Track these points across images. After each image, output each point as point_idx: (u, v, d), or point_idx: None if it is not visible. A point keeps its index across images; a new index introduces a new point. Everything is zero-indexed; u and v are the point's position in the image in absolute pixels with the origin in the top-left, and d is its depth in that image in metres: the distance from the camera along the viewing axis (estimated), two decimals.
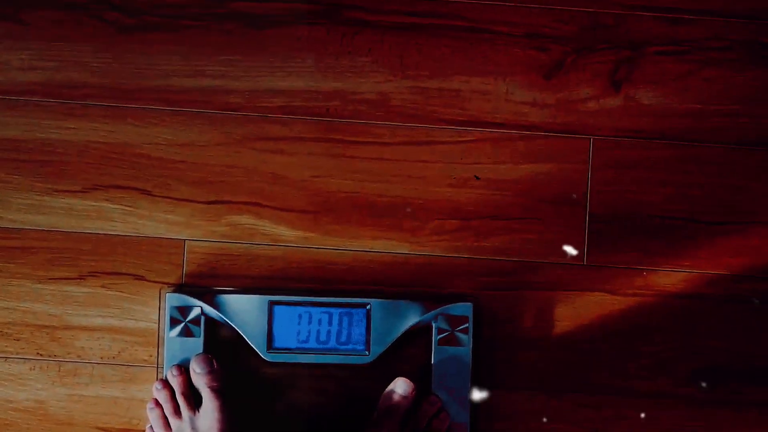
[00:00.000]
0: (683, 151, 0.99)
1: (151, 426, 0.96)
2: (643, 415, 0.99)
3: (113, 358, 0.98)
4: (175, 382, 0.94)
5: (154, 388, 0.95)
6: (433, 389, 0.97)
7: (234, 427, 0.93)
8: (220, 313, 0.96)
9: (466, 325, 0.97)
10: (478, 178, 0.99)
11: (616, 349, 0.99)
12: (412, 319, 0.96)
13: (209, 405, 0.92)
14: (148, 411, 0.95)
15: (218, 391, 0.93)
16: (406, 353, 0.99)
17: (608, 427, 0.99)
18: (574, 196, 0.98)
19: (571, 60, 0.99)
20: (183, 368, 0.95)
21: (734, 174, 0.99)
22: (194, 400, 0.95)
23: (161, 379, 0.95)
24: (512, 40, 0.99)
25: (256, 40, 0.99)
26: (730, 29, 1.00)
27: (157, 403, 0.95)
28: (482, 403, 0.98)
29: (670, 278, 0.99)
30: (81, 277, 0.98)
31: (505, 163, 0.99)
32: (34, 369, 0.98)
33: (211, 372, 0.93)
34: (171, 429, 0.94)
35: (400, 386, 0.94)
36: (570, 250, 0.98)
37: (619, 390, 0.99)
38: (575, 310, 0.99)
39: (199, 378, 0.93)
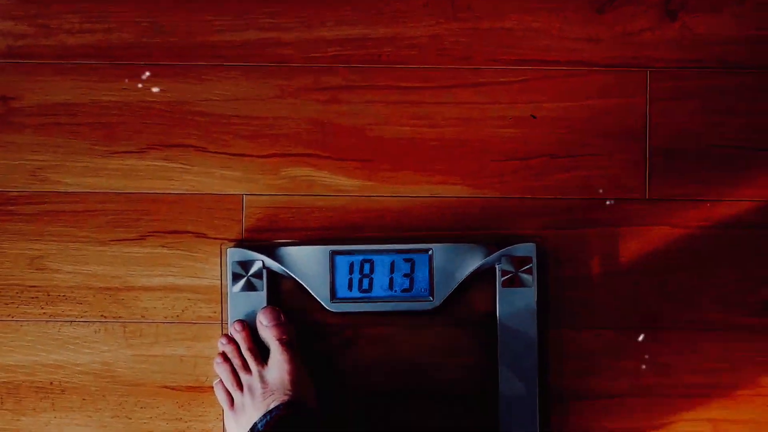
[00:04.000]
0: (742, 79, 1.06)
1: (220, 381, 1.02)
2: (714, 347, 1.05)
3: (177, 316, 1.06)
4: (240, 337, 1.02)
5: (219, 344, 1.03)
6: (499, 329, 1.03)
7: (305, 379, 1.00)
8: (282, 265, 1.04)
9: (530, 265, 1.04)
10: (534, 117, 1.06)
11: (683, 282, 1.06)
12: (475, 263, 1.04)
13: (278, 357, 1.00)
14: (215, 366, 1.02)
15: (287, 344, 1.01)
16: (471, 297, 1.06)
17: (679, 362, 1.06)
18: (634, 129, 1.05)
19: None
20: (245, 323, 1.03)
21: None
22: (261, 353, 1.01)
23: (226, 335, 1.03)
24: None
25: None
26: None
27: (225, 358, 1.02)
28: (551, 344, 1.05)
29: (734, 208, 1.06)
30: (141, 238, 1.07)
31: (561, 100, 1.06)
32: (98, 331, 1.07)
33: (279, 324, 1.01)
34: (241, 384, 1.01)
35: None
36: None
37: (689, 324, 1.06)
38: (639, 246, 1.06)
39: (267, 331, 1.01)
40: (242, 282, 1.04)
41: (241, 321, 1.02)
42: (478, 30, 1.07)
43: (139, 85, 1.07)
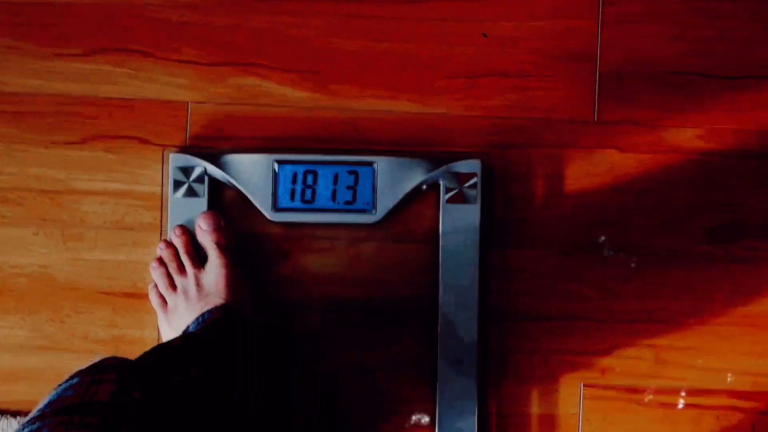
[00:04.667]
0: (695, 4, 1.07)
1: (154, 285, 1.03)
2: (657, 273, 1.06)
3: (117, 222, 1.07)
4: (179, 242, 1.02)
5: (158, 249, 1.03)
6: (441, 245, 1.03)
7: (241, 285, 1.00)
8: (225, 172, 1.04)
9: (475, 180, 1.04)
10: (485, 35, 1.06)
11: (628, 207, 1.06)
12: (418, 177, 1.04)
13: (215, 262, 1.00)
14: (151, 270, 1.02)
15: (225, 248, 1.01)
16: (415, 212, 1.06)
17: (621, 286, 1.06)
18: (584, 52, 1.05)
19: None
20: (186, 228, 1.03)
21: (748, 27, 1.07)
22: (199, 259, 1.01)
23: (165, 240, 1.03)
24: None
25: None
26: None
27: (161, 263, 1.02)
28: (492, 262, 1.05)
29: (682, 134, 1.07)
30: (84, 141, 1.07)
31: (513, 20, 1.07)
32: (37, 234, 1.07)
33: (218, 229, 1.01)
34: (175, 287, 1.01)
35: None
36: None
37: (632, 248, 1.06)
38: (586, 168, 1.06)
39: (206, 235, 1.02)
40: (183, 188, 1.04)
41: (181, 226, 1.03)
42: None
43: None
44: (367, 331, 1.05)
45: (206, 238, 1.01)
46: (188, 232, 1.02)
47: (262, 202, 1.04)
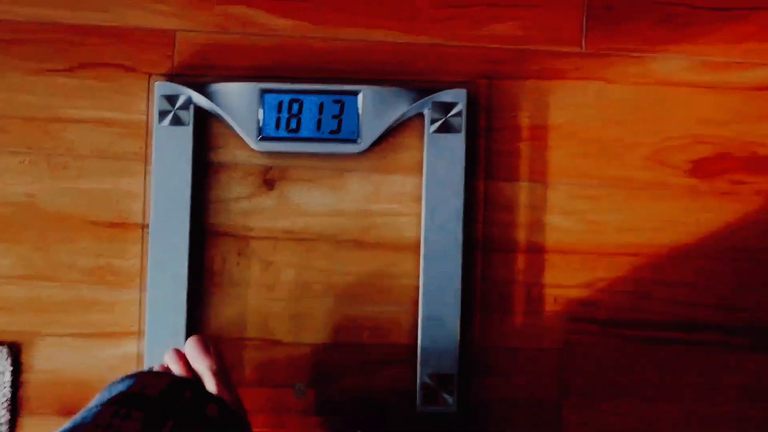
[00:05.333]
0: None
1: None
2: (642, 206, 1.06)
3: (103, 151, 1.08)
4: (176, 369, 0.99)
5: (166, 356, 1.00)
6: (426, 176, 1.04)
7: (235, 399, 0.98)
8: (211, 101, 1.05)
9: (459, 108, 1.05)
10: None
11: (615, 138, 1.07)
12: (404, 107, 1.05)
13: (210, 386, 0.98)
14: None
15: (215, 373, 0.98)
16: (400, 142, 1.07)
17: (605, 218, 1.06)
18: None
19: None
20: (182, 353, 1.00)
21: None
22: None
23: (161, 365, 1.00)
24: None
25: None
26: None
27: None
28: (477, 193, 1.06)
29: (671, 65, 1.07)
30: (71, 69, 1.08)
31: None
32: (23, 162, 1.08)
33: (207, 354, 0.99)
34: None
35: None
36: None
37: (618, 181, 1.07)
38: (573, 99, 1.07)
39: (196, 361, 0.99)
40: (169, 117, 1.05)
41: (176, 350, 0.99)
42: None
43: None
44: (351, 263, 1.06)
45: (197, 364, 0.99)
46: (183, 357, 0.99)
47: (247, 131, 1.05)
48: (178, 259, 1.05)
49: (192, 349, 0.98)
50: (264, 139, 1.05)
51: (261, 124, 1.05)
